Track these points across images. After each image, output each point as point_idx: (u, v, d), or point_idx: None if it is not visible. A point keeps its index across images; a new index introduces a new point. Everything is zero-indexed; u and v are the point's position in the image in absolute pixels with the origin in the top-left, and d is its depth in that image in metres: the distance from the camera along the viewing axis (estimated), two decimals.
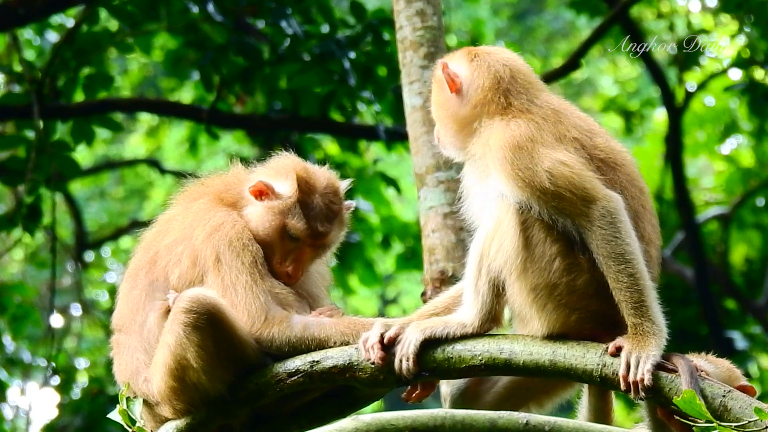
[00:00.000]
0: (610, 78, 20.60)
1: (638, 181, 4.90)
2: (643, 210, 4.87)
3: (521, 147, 4.73)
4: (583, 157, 4.79)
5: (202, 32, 10.90)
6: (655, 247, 4.87)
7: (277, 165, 5.30)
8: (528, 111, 4.88)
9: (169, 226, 5.25)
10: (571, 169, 4.70)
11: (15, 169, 9.95)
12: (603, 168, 4.82)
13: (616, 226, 4.65)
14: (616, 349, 4.58)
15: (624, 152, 4.94)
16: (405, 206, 15.98)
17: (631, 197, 4.83)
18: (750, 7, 13.36)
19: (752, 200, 16.86)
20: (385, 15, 10.51)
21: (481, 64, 5.01)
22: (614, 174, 4.83)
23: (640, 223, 4.83)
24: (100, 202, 20.59)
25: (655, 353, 4.54)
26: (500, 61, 5.02)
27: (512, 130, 4.79)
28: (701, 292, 15.28)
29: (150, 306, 5.09)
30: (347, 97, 10.71)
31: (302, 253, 5.19)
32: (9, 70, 11.41)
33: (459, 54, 5.10)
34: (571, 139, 4.81)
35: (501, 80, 4.96)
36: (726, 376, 4.96)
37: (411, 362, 4.76)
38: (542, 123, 4.82)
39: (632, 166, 4.92)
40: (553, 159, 4.71)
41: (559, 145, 4.76)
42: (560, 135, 4.81)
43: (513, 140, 4.76)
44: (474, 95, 4.97)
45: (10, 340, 13.70)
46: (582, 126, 4.90)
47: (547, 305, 4.73)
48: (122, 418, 4.85)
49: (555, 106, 4.93)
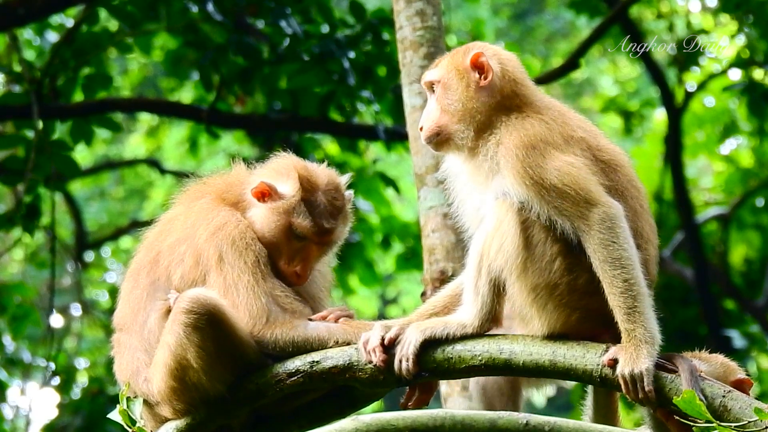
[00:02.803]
0: (610, 78, 20.61)
1: (636, 182, 4.93)
2: (642, 209, 4.88)
3: (534, 146, 4.74)
4: (588, 158, 4.80)
5: (201, 32, 10.90)
6: (653, 246, 4.88)
7: (277, 165, 5.30)
8: (539, 111, 4.89)
9: (172, 225, 5.24)
10: (578, 171, 4.71)
11: (14, 168, 9.95)
12: (606, 169, 4.83)
13: (614, 231, 4.65)
14: (611, 362, 4.58)
15: (622, 153, 4.96)
16: (405, 206, 15.98)
17: (630, 197, 4.85)
18: (749, 7, 13.36)
19: (752, 200, 16.86)
20: (385, 15, 10.51)
21: (510, 59, 5.00)
22: (616, 175, 4.85)
23: (639, 222, 4.84)
24: (100, 202, 20.59)
25: (648, 365, 4.54)
26: (515, 59, 5.03)
27: (527, 129, 4.79)
28: (701, 292, 15.28)
29: (151, 306, 5.09)
30: (347, 97, 10.71)
31: (309, 252, 5.19)
32: (9, 70, 11.40)
33: (478, 47, 5.03)
34: (577, 139, 4.82)
35: (524, 77, 4.98)
36: (721, 372, 4.99)
37: (411, 363, 4.76)
38: (552, 123, 4.83)
39: (630, 167, 4.95)
40: (562, 160, 4.71)
41: (567, 147, 4.77)
42: (568, 136, 4.82)
43: (527, 139, 4.76)
44: (502, 88, 4.93)
45: (10, 340, 13.70)
46: (585, 127, 4.91)
47: (548, 305, 4.74)
48: (122, 418, 4.85)
49: (558, 107, 4.95)
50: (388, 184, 12.02)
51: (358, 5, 10.57)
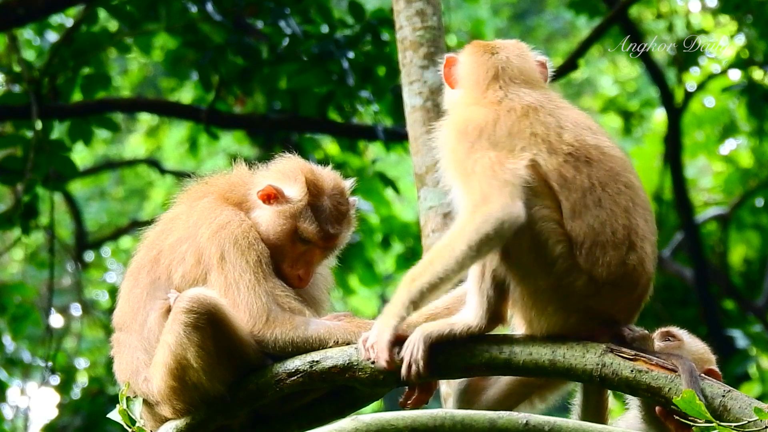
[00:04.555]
0: (609, 78, 20.62)
1: (624, 176, 4.85)
2: (633, 205, 4.84)
3: (465, 132, 4.83)
4: (546, 150, 4.78)
5: (201, 32, 10.90)
6: (649, 243, 4.84)
7: (284, 167, 5.29)
8: (495, 102, 4.94)
9: (173, 224, 5.24)
10: (494, 167, 4.72)
11: (13, 168, 9.95)
12: (570, 161, 4.79)
13: (481, 229, 4.62)
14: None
15: (609, 148, 4.88)
16: (405, 206, 15.99)
17: (615, 192, 4.80)
18: (749, 8, 13.37)
19: (751, 201, 16.86)
20: (384, 15, 10.51)
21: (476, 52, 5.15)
22: (589, 168, 4.81)
23: (631, 219, 4.82)
24: (100, 202, 20.60)
25: (387, 332, 4.69)
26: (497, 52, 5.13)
27: (464, 113, 4.93)
28: (700, 292, 15.28)
29: (151, 305, 5.09)
30: (346, 97, 10.71)
31: (312, 256, 5.20)
32: (8, 70, 11.40)
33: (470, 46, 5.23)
34: (530, 134, 4.81)
35: (489, 71, 5.06)
36: (700, 350, 5.06)
37: (422, 367, 4.74)
38: (504, 115, 4.86)
39: (619, 162, 4.87)
40: (485, 154, 4.75)
41: (508, 140, 4.78)
42: (518, 130, 4.82)
43: (460, 121, 4.88)
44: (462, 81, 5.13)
45: (10, 340, 13.70)
46: (552, 123, 4.87)
47: (548, 308, 4.74)
48: (122, 417, 4.85)
49: (532, 101, 4.94)
50: (388, 184, 12.02)
51: (358, 5, 10.58)
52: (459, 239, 4.63)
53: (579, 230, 4.72)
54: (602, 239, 4.72)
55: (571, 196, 4.74)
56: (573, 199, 4.74)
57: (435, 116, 6.26)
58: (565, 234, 4.72)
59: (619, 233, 4.75)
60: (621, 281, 4.75)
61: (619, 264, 4.73)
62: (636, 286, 4.79)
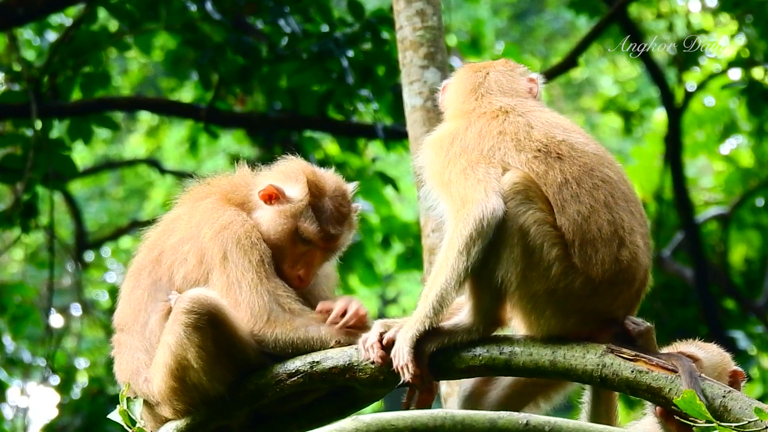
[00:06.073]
0: (609, 78, 20.61)
1: (599, 171, 4.84)
2: (613, 199, 4.83)
3: (440, 144, 4.96)
4: (514, 148, 4.83)
5: (200, 31, 10.90)
6: (639, 234, 4.83)
7: (286, 168, 5.30)
8: (469, 112, 5.04)
9: (175, 225, 5.24)
10: (466, 170, 4.81)
11: (13, 167, 9.95)
12: (540, 157, 4.82)
13: (463, 232, 4.69)
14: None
15: (581, 144, 4.88)
16: (405, 206, 15.98)
17: (591, 187, 4.80)
18: (749, 7, 13.36)
19: (752, 200, 16.86)
20: (384, 14, 10.51)
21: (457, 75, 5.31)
22: (560, 164, 4.81)
23: (614, 213, 4.81)
24: (100, 202, 20.60)
25: (411, 334, 4.74)
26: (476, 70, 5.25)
27: (441, 129, 5.09)
28: (701, 292, 15.28)
29: (152, 306, 5.09)
30: (345, 96, 10.71)
31: (313, 257, 5.20)
32: (8, 69, 11.40)
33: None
34: (497, 132, 4.87)
35: (467, 86, 5.19)
36: (719, 360, 5.03)
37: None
38: (475, 120, 4.95)
39: (594, 158, 4.86)
40: (458, 161, 4.86)
41: (478, 141, 4.87)
42: (487, 130, 4.90)
43: (436, 137, 5.03)
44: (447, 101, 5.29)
45: (10, 340, 13.70)
46: (521, 122, 4.92)
47: (546, 311, 4.75)
48: (122, 418, 4.85)
49: (503, 105, 5.01)
50: (386, 183, 12.02)
51: (357, 4, 10.57)
52: (450, 248, 4.71)
53: (567, 226, 4.73)
54: (590, 236, 4.74)
55: (548, 191, 4.77)
56: (550, 194, 4.77)
57: (435, 116, 6.26)
58: (560, 236, 4.73)
59: (604, 230, 4.76)
60: (617, 278, 4.76)
61: (613, 261, 4.74)
62: (633, 280, 4.80)
